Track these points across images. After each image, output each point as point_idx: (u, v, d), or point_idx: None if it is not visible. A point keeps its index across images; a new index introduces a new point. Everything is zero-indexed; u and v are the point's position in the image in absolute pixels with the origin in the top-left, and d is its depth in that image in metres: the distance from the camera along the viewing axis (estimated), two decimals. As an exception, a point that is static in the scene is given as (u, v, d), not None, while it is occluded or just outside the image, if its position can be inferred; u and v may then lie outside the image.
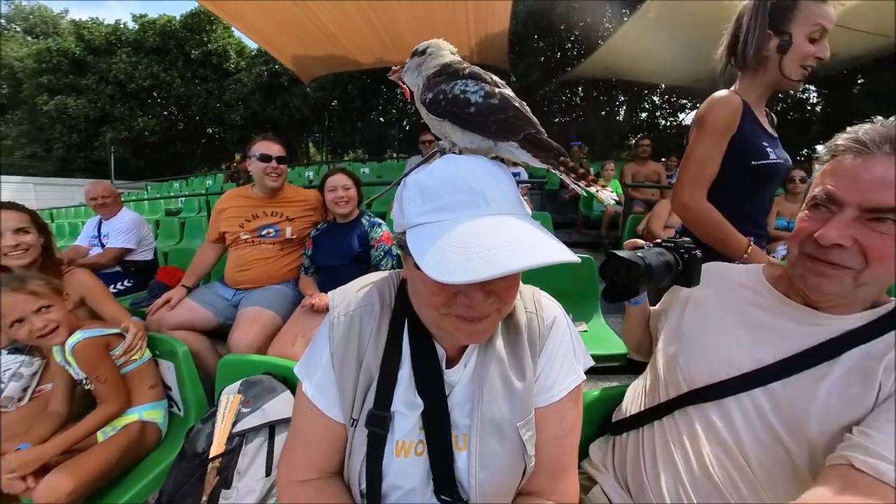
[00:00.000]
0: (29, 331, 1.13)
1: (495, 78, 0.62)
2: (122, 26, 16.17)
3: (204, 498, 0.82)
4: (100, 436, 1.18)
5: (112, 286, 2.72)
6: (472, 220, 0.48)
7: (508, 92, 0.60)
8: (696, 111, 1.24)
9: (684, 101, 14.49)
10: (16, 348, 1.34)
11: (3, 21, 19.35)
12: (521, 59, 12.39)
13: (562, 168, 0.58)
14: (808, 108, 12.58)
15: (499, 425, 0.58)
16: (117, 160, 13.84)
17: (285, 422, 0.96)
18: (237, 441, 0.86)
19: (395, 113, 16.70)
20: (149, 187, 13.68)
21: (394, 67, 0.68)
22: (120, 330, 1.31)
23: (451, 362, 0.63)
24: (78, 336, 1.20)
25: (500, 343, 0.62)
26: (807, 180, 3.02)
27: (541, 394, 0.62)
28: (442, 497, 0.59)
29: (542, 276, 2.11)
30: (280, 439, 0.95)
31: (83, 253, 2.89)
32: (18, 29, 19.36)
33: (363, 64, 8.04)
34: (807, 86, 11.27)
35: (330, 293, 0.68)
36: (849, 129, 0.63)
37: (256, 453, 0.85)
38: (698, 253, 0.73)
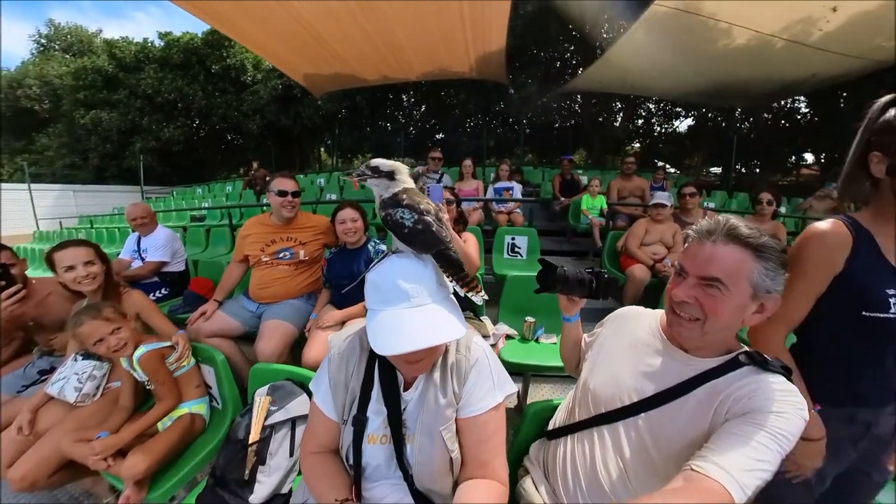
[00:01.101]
0: (107, 347, 1.40)
1: (425, 205, 0.85)
2: (149, 44, 16.45)
3: (246, 471, 1.09)
4: (159, 425, 1.45)
5: (152, 294, 3.00)
6: (399, 311, 0.75)
7: (430, 218, 0.83)
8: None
9: (678, 109, 14.20)
10: (87, 354, 1.57)
11: (44, 42, 19.84)
12: (520, 70, 12.21)
13: (452, 277, 0.82)
14: (798, 117, 12.37)
15: (430, 429, 0.83)
16: (146, 168, 14.14)
17: (303, 417, 1.22)
18: (268, 431, 1.12)
19: (402, 121, 16.85)
20: (174, 193, 14.04)
21: (352, 178, 0.86)
22: (171, 343, 1.57)
23: (408, 386, 0.89)
24: (142, 349, 1.47)
25: (436, 374, 0.87)
26: (773, 202, 3.13)
27: (465, 408, 0.85)
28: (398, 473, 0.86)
29: (525, 291, 2.37)
30: (299, 430, 1.23)
31: (126, 265, 3.17)
32: (57, 48, 19.78)
33: (369, 81, 8.16)
34: (797, 98, 11.10)
35: (329, 336, 0.95)
36: (699, 223, 0.82)
37: (283, 440, 1.10)
38: (605, 274, 0.97)
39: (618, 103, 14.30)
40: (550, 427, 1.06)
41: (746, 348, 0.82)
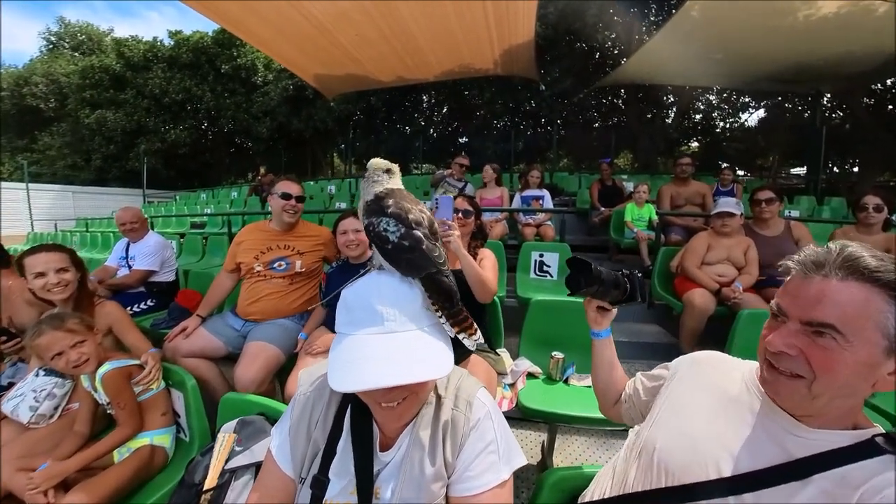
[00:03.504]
0: (66, 362, 1.38)
1: (416, 214, 0.79)
2: (158, 43, 17.75)
3: (195, 526, 1.01)
4: (115, 455, 1.41)
5: (136, 305, 3.05)
6: (366, 336, 0.68)
7: (419, 233, 0.77)
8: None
9: (746, 100, 12.74)
10: (50, 370, 1.57)
11: (53, 39, 21.72)
12: (552, 64, 12.02)
13: (440, 309, 0.75)
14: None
15: None
16: (149, 171, 15.05)
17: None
18: (227, 476, 1.05)
19: (421, 124, 17.14)
20: (177, 197, 14.74)
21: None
22: (140, 362, 1.55)
23: (386, 444, 0.79)
24: (107, 367, 1.45)
25: (424, 434, 0.77)
26: (882, 209, 2.80)
27: (459, 483, 0.76)
28: None
29: (553, 319, 2.21)
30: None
31: (112, 273, 3.26)
32: (67, 46, 21.63)
33: (384, 82, 8.39)
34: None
35: (301, 372, 0.86)
36: (803, 250, 0.71)
37: (242, 490, 1.02)
38: (637, 273, 0.96)
39: (670, 96, 13.36)
40: (589, 499, 0.94)
41: (880, 428, 0.68)
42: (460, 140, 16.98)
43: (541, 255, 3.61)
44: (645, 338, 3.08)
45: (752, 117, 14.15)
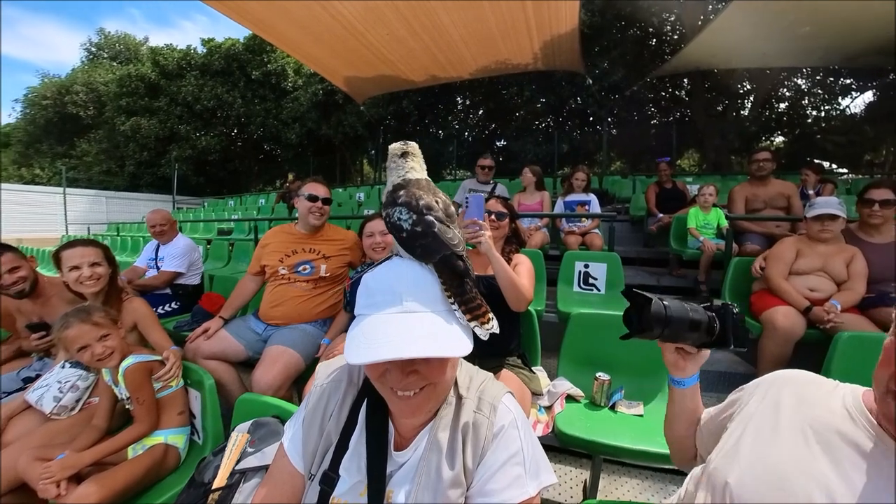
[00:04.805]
0: (91, 355, 1.49)
1: (428, 200, 0.82)
2: (192, 51, 19.32)
3: (200, 526, 1.05)
4: (129, 451, 1.50)
5: (161, 307, 3.27)
6: (385, 315, 0.70)
7: (431, 217, 0.80)
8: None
9: (848, 81, 10.86)
10: (76, 363, 1.72)
11: (94, 50, 24.25)
12: (600, 55, 11.59)
13: (452, 294, 0.76)
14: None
15: None
16: (179, 177, 16.20)
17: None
18: (237, 477, 1.09)
19: (455, 127, 17.30)
20: (205, 204, 15.70)
21: None
22: (161, 357, 1.65)
23: (404, 443, 0.80)
24: (131, 360, 1.56)
25: (443, 435, 0.77)
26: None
27: (479, 497, 0.74)
28: None
29: (598, 335, 2.11)
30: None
31: (140, 273, 3.54)
32: (106, 56, 24.18)
33: (416, 83, 8.55)
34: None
35: (319, 365, 0.90)
36: None
37: (251, 493, 1.05)
38: (734, 308, 0.78)
39: (746, 83, 12.07)
40: None
41: None
42: (497, 144, 16.96)
43: (586, 266, 3.46)
44: (714, 366, 2.74)
45: (856, 102, 12.33)
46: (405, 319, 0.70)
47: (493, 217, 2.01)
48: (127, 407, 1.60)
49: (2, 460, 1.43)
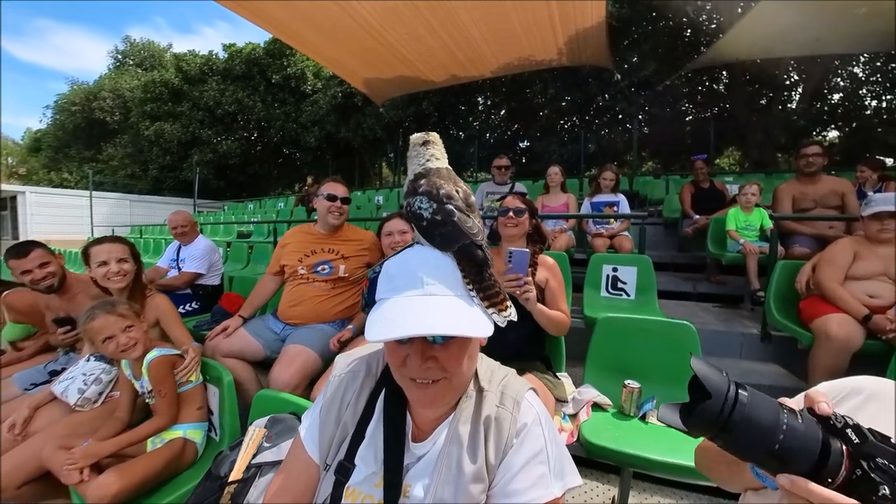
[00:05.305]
0: (116, 345, 1.57)
1: (448, 189, 0.83)
2: (214, 56, 20.14)
3: (215, 518, 1.08)
4: (149, 445, 1.57)
5: (182, 307, 3.39)
6: (406, 297, 0.72)
7: (451, 206, 0.81)
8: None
9: None
10: (100, 356, 1.82)
11: (120, 57, 25.61)
12: (630, 49, 11.37)
13: (470, 281, 0.77)
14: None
15: None
16: (200, 181, 16.76)
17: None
18: (253, 471, 1.11)
19: (477, 128, 17.30)
20: (226, 207, 16.20)
21: None
22: (182, 352, 1.72)
23: (422, 435, 0.81)
24: (155, 353, 1.63)
25: (464, 429, 0.78)
26: None
27: (502, 497, 0.74)
28: None
29: (626, 340, 2.07)
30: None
31: (162, 273, 3.69)
32: (132, 63, 25.47)
33: (436, 83, 8.57)
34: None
35: (338, 357, 0.93)
36: None
37: (266, 487, 1.07)
38: (849, 421, 0.51)
39: (793, 74, 11.32)
40: None
41: None
42: (521, 144, 16.88)
43: (614, 269, 3.39)
44: (760, 379, 2.60)
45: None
46: (427, 301, 0.71)
47: (511, 214, 2.00)
48: (147, 401, 1.67)
49: (28, 448, 1.52)
